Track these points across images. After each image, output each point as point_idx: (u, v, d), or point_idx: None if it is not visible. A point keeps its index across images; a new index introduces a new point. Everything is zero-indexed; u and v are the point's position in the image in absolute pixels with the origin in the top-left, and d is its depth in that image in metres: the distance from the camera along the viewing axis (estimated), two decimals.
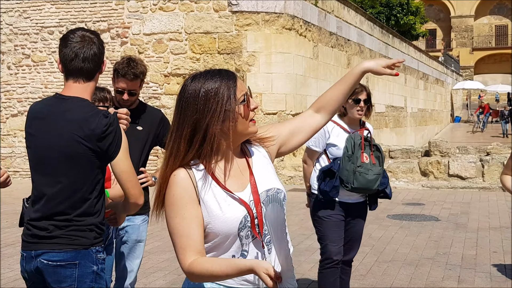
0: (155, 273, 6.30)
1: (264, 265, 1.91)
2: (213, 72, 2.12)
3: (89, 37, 2.83)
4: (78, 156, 2.70)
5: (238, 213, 2.06)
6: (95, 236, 2.76)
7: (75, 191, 2.72)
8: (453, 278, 6.10)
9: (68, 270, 2.70)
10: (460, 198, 11.59)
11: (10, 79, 15.04)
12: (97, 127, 2.70)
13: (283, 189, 2.22)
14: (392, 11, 32.69)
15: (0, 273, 6.20)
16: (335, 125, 4.61)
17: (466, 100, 49.63)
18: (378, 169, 4.50)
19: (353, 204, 4.65)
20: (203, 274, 2.00)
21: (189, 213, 2.05)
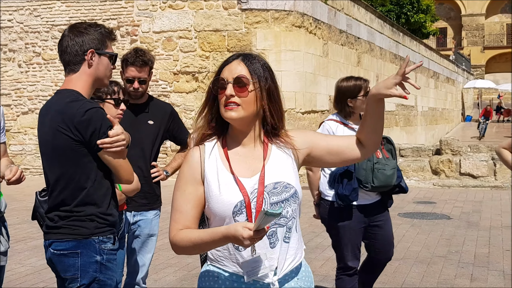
0: (165, 269, 6.28)
1: (238, 231, 1.93)
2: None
3: (66, 30, 2.93)
4: (64, 147, 2.75)
5: (234, 197, 2.10)
6: (96, 226, 2.78)
7: (70, 181, 2.77)
8: (466, 276, 6.04)
9: (71, 259, 2.76)
10: (472, 196, 11.51)
11: (20, 77, 15.09)
12: (75, 115, 2.72)
13: (296, 186, 2.18)
14: (402, 9, 32.54)
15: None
16: (339, 124, 4.34)
17: (477, 99, 49.36)
18: (393, 163, 4.25)
19: (372, 205, 4.33)
20: (183, 242, 2.09)
21: (189, 191, 2.14)
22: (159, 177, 4.12)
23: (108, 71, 2.92)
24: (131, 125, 3.97)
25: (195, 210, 2.14)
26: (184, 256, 6.74)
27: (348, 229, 4.28)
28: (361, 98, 4.27)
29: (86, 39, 2.86)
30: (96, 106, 2.76)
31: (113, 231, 2.86)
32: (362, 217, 4.30)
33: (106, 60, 2.90)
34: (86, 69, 2.86)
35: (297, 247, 2.21)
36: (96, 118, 2.71)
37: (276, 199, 2.12)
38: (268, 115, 2.17)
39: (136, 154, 3.96)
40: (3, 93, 14.97)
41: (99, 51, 2.87)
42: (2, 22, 15.17)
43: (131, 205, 3.80)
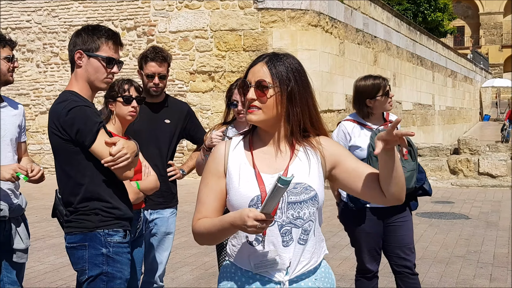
0: (182, 268, 6.30)
1: (243, 216, 1.97)
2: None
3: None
4: (57, 146, 2.85)
5: (251, 191, 2.12)
6: (101, 219, 2.84)
7: (68, 178, 2.86)
8: (485, 276, 5.98)
9: (80, 252, 2.85)
10: (491, 196, 11.40)
11: (39, 77, 15.22)
12: (60, 115, 2.79)
13: (318, 190, 2.16)
14: (419, 8, 32.33)
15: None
16: (355, 124, 4.19)
17: (495, 98, 48.92)
18: (411, 165, 4.02)
19: (390, 208, 4.10)
20: (200, 229, 2.16)
21: (212, 183, 2.20)
22: (176, 176, 4.14)
23: (100, 74, 2.90)
24: (148, 124, 4.00)
25: (217, 202, 2.18)
26: (201, 254, 6.76)
27: (363, 232, 4.16)
28: (380, 98, 4.12)
29: (78, 40, 2.91)
30: (80, 105, 2.77)
31: (121, 224, 2.90)
32: (378, 220, 4.14)
33: (97, 63, 2.88)
34: (77, 70, 2.92)
35: (314, 251, 2.19)
36: (79, 117, 2.75)
37: (294, 199, 2.12)
38: (285, 118, 2.17)
39: (153, 152, 3.98)
40: (22, 93, 15.10)
41: (88, 52, 2.88)
42: (21, 22, 15.31)
43: (148, 203, 3.82)
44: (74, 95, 2.85)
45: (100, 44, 2.89)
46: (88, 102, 2.90)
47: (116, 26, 14.61)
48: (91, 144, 2.74)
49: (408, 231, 4.22)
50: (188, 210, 9.67)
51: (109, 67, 2.91)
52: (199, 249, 6.97)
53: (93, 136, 2.74)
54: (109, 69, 2.91)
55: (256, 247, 2.12)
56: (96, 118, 2.79)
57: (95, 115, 2.81)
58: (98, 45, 2.88)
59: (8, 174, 3.22)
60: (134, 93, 3.55)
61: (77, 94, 2.87)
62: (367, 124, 4.16)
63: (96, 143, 2.75)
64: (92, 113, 2.79)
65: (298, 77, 2.18)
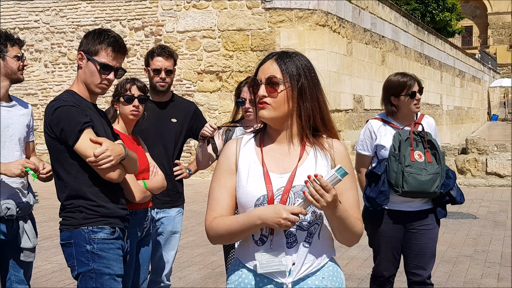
0: (189, 267, 6.31)
1: (278, 212, 1.99)
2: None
3: None
4: (48, 144, 2.93)
5: (258, 190, 2.12)
6: (85, 217, 2.89)
7: (57, 176, 2.96)
8: (493, 275, 5.96)
9: (69, 249, 2.94)
10: (499, 196, 11.36)
11: (47, 77, 15.29)
12: (48, 114, 2.88)
13: None
14: (427, 8, 32.24)
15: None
16: (382, 123, 4.05)
17: (503, 98, 48.72)
18: (435, 168, 3.81)
19: (414, 213, 3.93)
20: (219, 228, 2.14)
21: (224, 180, 2.20)
22: (182, 175, 4.14)
23: (95, 78, 2.94)
24: (155, 123, 4.00)
25: (230, 199, 2.18)
26: (208, 254, 6.77)
27: (382, 237, 3.99)
28: (403, 98, 3.97)
29: (84, 42, 2.98)
30: (66, 105, 2.83)
31: (108, 222, 2.93)
32: (398, 224, 3.95)
33: (93, 67, 2.92)
34: (79, 71, 3.00)
35: (319, 254, 2.18)
36: (64, 116, 2.81)
37: (301, 201, 2.10)
38: (297, 114, 2.16)
39: (159, 151, 3.99)
40: (30, 93, 15.17)
41: (87, 55, 2.93)
42: (29, 22, 15.38)
43: (154, 202, 3.82)
44: (70, 95, 2.92)
45: (99, 49, 2.92)
46: (83, 101, 2.93)
47: (124, 26, 14.66)
48: (74, 143, 2.79)
49: (431, 240, 4.01)
50: (195, 209, 9.68)
51: (104, 73, 2.93)
52: (206, 248, 6.98)
53: (76, 136, 2.78)
54: (104, 75, 2.93)
55: (261, 246, 2.12)
56: (82, 118, 2.82)
57: (82, 115, 2.83)
58: (97, 50, 2.92)
59: (17, 170, 3.25)
60: (136, 92, 3.54)
61: (74, 94, 2.94)
62: (393, 123, 4.02)
63: (79, 143, 2.79)
64: (78, 112, 2.82)
65: (308, 74, 2.18)
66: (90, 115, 2.91)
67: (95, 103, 3.08)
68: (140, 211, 3.52)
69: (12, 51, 3.51)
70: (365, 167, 4.13)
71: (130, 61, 14.51)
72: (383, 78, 19.24)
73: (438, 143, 3.98)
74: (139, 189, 3.34)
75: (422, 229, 3.96)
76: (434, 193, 3.84)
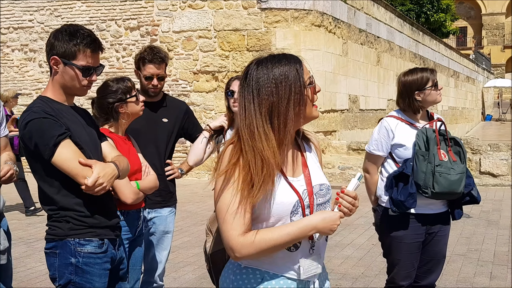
0: (184, 268, 6.33)
1: (334, 219, 2.03)
2: (278, 56, 2.09)
3: None
4: (27, 158, 2.78)
5: (290, 198, 2.06)
6: (72, 227, 2.75)
7: (40, 189, 2.80)
8: (485, 274, 6.00)
9: (52, 259, 2.79)
10: (492, 195, 11.41)
11: (41, 77, 15.27)
12: (20, 128, 2.74)
13: (331, 189, 2.23)
14: (422, 9, 32.34)
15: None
16: (399, 121, 3.85)
17: (497, 98, 48.87)
18: (461, 167, 3.69)
19: (434, 216, 3.80)
20: (262, 244, 1.97)
21: (244, 191, 1.99)
22: (174, 175, 4.14)
23: (76, 83, 2.76)
24: (146, 123, 4.00)
25: (250, 213, 2.02)
26: (202, 254, 6.77)
27: (402, 244, 3.79)
28: (429, 90, 3.84)
29: (56, 44, 2.74)
30: (37, 117, 2.65)
31: (96, 233, 2.80)
32: (420, 228, 3.79)
33: (72, 72, 2.73)
34: (54, 76, 2.79)
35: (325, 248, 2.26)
36: (36, 130, 2.64)
37: (321, 200, 2.14)
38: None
39: (151, 151, 3.99)
40: (24, 93, 15.14)
41: (64, 59, 2.72)
42: (23, 22, 15.36)
43: (146, 202, 3.83)
44: (43, 102, 2.74)
45: (76, 51, 2.71)
46: (58, 107, 2.76)
47: (119, 26, 14.66)
48: (50, 158, 2.63)
49: (445, 245, 3.95)
50: (191, 210, 9.70)
51: (85, 76, 2.76)
52: (202, 249, 7.00)
53: (51, 151, 2.62)
54: (86, 78, 2.76)
55: (294, 252, 2.08)
56: (55, 130, 2.64)
57: (55, 127, 2.65)
58: (74, 53, 2.71)
59: None
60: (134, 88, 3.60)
61: (48, 100, 2.76)
62: (411, 122, 3.88)
63: (56, 157, 2.63)
64: (50, 125, 2.64)
65: (277, 89, 2.04)
66: (67, 121, 2.73)
67: (73, 104, 2.92)
68: (132, 211, 3.52)
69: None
70: (376, 168, 3.97)
71: (125, 61, 14.52)
72: (378, 79, 19.32)
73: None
74: (132, 191, 3.32)
75: (440, 234, 3.86)
76: (460, 193, 3.72)
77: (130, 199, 3.29)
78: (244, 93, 2.06)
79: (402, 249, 3.81)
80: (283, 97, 2.01)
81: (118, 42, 14.64)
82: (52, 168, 2.67)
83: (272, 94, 2.01)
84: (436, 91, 3.87)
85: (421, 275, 3.94)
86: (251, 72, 2.06)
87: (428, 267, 3.92)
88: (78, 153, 2.68)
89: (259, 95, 2.02)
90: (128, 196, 3.26)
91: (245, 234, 1.98)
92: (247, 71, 2.08)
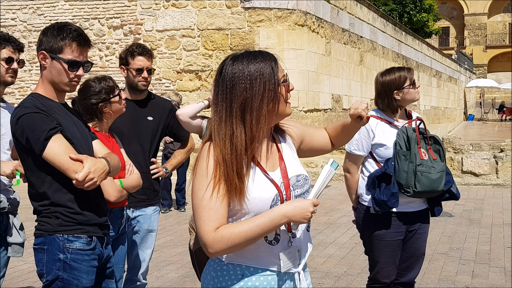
0: (167, 266, 6.32)
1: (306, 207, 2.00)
2: (254, 53, 2.11)
3: None
4: (19, 153, 2.79)
5: (270, 192, 2.07)
6: (61, 224, 2.75)
7: (30, 183, 2.79)
8: (467, 273, 6.06)
9: (40, 254, 2.79)
10: (474, 194, 11.52)
11: (24, 76, 15.14)
12: (12, 123, 2.74)
13: (309, 178, 2.24)
14: (405, 8, 32.56)
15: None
16: (379, 121, 3.86)
17: (479, 98, 49.34)
18: (441, 166, 3.73)
19: (414, 213, 3.84)
20: (233, 239, 1.96)
21: (219, 187, 2.01)
22: (159, 174, 4.14)
23: (63, 77, 2.78)
24: (131, 121, 4.00)
25: (227, 207, 2.03)
26: (186, 253, 6.77)
27: (383, 242, 3.83)
28: (407, 89, 3.87)
29: (43, 40, 2.78)
30: (28, 112, 2.67)
31: (85, 230, 2.81)
32: (401, 226, 3.82)
33: (59, 66, 2.76)
34: (43, 71, 2.83)
35: (310, 238, 2.28)
36: (27, 125, 2.66)
37: (299, 191, 2.15)
38: None
39: (136, 150, 3.98)
40: (7, 91, 15.00)
41: (51, 54, 2.76)
42: (6, 20, 15.22)
43: (130, 201, 3.82)
44: (35, 98, 2.76)
45: (63, 45, 2.75)
46: (50, 103, 2.78)
47: (103, 25, 14.59)
48: (41, 153, 2.64)
49: (424, 242, 3.99)
50: (174, 209, 9.69)
51: (72, 70, 2.78)
52: (184, 247, 6.99)
53: (42, 145, 2.63)
54: (73, 72, 2.78)
55: (276, 246, 2.10)
56: (47, 125, 2.66)
57: (47, 121, 2.67)
58: (61, 47, 2.75)
59: (8, 170, 3.22)
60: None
61: (39, 97, 2.78)
62: (390, 121, 3.89)
63: (47, 151, 2.64)
64: (41, 119, 2.66)
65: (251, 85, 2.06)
66: (59, 117, 2.75)
67: (64, 102, 2.93)
68: (115, 210, 3.52)
69: (3, 53, 3.49)
70: (357, 168, 3.97)
71: (108, 60, 14.45)
72: (361, 78, 19.42)
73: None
74: (115, 189, 3.31)
75: (419, 232, 3.90)
76: (440, 191, 3.77)
77: (114, 197, 3.28)
78: (218, 88, 2.08)
79: (383, 247, 3.84)
80: (257, 93, 2.03)
81: (101, 41, 14.57)
82: (44, 163, 2.68)
83: (246, 90, 2.03)
84: (414, 89, 3.89)
85: (401, 272, 3.97)
86: (226, 67, 2.08)
87: (407, 264, 3.95)
88: (69, 148, 2.69)
89: (233, 90, 2.04)
90: (111, 194, 3.25)
91: (220, 228, 1.98)
92: (222, 66, 2.10)
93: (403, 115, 3.97)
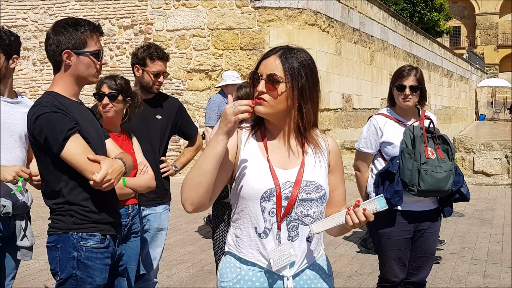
0: (178, 265, 6.32)
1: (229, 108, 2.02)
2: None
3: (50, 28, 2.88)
4: (35, 152, 2.81)
5: (265, 184, 2.11)
6: (75, 222, 2.77)
7: (46, 182, 2.81)
8: (479, 272, 6.02)
9: (54, 253, 2.81)
10: (485, 194, 11.45)
11: (35, 75, 15.22)
12: (30, 122, 2.75)
13: (326, 189, 2.22)
14: (416, 8, 32.38)
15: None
16: (387, 119, 3.87)
17: (491, 98, 49.03)
18: (448, 165, 3.70)
19: (424, 213, 3.82)
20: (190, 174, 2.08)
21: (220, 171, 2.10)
22: (168, 172, 4.14)
23: (92, 69, 2.84)
24: (140, 120, 4.00)
25: (220, 184, 2.15)
26: (197, 252, 6.78)
27: (390, 240, 3.82)
28: (394, 90, 3.87)
29: (62, 39, 2.80)
30: (47, 111, 2.69)
31: (99, 229, 2.82)
32: (407, 225, 3.81)
33: (87, 59, 2.82)
34: (65, 70, 2.83)
35: (316, 248, 2.24)
36: (46, 124, 2.67)
37: (305, 196, 2.15)
38: (297, 114, 2.16)
39: (145, 148, 3.97)
40: (18, 91, 15.06)
41: (77, 50, 2.80)
42: (17, 20, 15.30)
43: (140, 199, 3.82)
44: (52, 97, 2.77)
45: (86, 38, 2.81)
46: (67, 102, 2.79)
47: (113, 25, 14.63)
48: (59, 152, 2.67)
49: (434, 242, 3.98)
50: None
51: (99, 60, 2.87)
52: (195, 246, 7.00)
53: (60, 145, 2.65)
54: (99, 62, 2.86)
55: (265, 240, 2.13)
56: (66, 124, 2.68)
57: (65, 121, 2.69)
58: (84, 40, 2.81)
59: (10, 176, 3.17)
60: (106, 90, 3.57)
61: (56, 95, 2.79)
62: (399, 119, 3.87)
63: (65, 151, 2.66)
64: (60, 119, 2.69)
65: (309, 73, 2.17)
66: (76, 116, 2.77)
67: (80, 100, 2.96)
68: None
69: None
70: (367, 166, 3.98)
71: (119, 60, 14.48)
72: (371, 78, 19.35)
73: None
74: (116, 186, 3.31)
75: (428, 231, 3.87)
76: (448, 191, 3.72)
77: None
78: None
79: (390, 245, 3.83)
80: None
81: (111, 41, 14.61)
82: (61, 162, 2.70)
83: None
84: (398, 93, 3.83)
85: (411, 272, 3.96)
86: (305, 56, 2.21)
87: (417, 264, 3.94)
88: (87, 148, 2.72)
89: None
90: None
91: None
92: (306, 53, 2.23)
93: (415, 114, 3.93)
